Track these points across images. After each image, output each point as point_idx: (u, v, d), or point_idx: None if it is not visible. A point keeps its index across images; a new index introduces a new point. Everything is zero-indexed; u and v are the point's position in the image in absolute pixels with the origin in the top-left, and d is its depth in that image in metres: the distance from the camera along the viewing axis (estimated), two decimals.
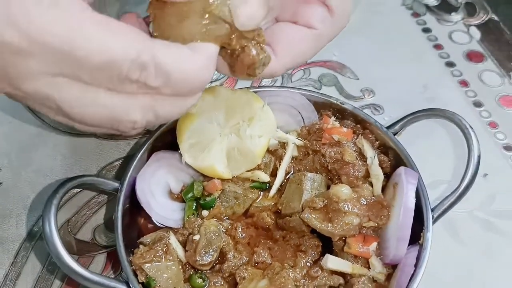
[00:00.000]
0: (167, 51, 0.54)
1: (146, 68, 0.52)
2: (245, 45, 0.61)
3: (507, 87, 1.16)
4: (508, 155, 1.06)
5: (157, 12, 0.58)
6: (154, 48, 0.53)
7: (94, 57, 0.51)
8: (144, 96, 0.56)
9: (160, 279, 0.76)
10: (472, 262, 0.92)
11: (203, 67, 0.57)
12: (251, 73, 0.63)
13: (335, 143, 0.88)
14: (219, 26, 0.58)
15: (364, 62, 1.18)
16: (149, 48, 0.52)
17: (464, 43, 1.24)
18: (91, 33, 0.50)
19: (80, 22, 0.50)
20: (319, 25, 0.69)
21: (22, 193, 0.95)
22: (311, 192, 0.85)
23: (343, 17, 0.71)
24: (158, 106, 0.57)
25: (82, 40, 0.50)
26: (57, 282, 0.86)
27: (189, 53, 0.56)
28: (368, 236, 0.81)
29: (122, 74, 0.52)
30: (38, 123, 1.04)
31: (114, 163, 1.00)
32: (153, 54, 0.52)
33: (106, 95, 0.54)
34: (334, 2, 0.69)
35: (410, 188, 0.80)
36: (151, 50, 0.52)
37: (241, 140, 0.86)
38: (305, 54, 0.71)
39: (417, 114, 0.91)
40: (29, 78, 0.52)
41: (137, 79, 0.53)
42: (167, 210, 0.86)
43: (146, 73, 0.53)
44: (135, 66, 0.52)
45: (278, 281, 0.76)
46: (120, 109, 0.56)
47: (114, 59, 0.51)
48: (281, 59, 0.68)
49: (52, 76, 0.52)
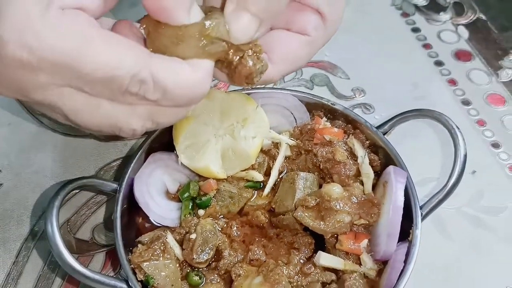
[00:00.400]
0: (164, 67, 0.56)
1: (145, 83, 0.55)
2: (241, 57, 0.61)
3: (495, 86, 1.18)
4: (496, 152, 1.08)
5: (151, 29, 0.58)
6: (152, 64, 0.55)
7: (98, 73, 0.53)
8: (143, 106, 0.58)
9: (158, 277, 0.78)
10: (461, 258, 0.94)
11: (199, 81, 0.58)
12: (249, 82, 0.64)
13: (327, 143, 0.90)
14: (215, 45, 0.59)
15: (355, 62, 1.20)
16: (147, 64, 0.55)
17: (453, 42, 1.26)
18: (96, 50, 0.52)
19: (87, 39, 0.52)
20: (313, 32, 0.70)
21: (22, 194, 0.97)
22: (303, 191, 0.86)
23: (335, 23, 0.73)
24: (157, 115, 0.60)
25: (87, 57, 0.52)
26: (58, 281, 0.88)
27: (186, 68, 0.57)
28: (359, 233, 0.83)
29: (122, 88, 0.55)
30: (37, 124, 1.05)
31: (112, 164, 1.01)
32: (151, 70, 0.55)
33: (108, 105, 0.57)
34: (326, 9, 0.70)
35: (399, 186, 0.82)
36: (149, 67, 0.55)
37: (236, 141, 0.88)
38: (300, 60, 0.72)
39: (405, 115, 0.93)
40: (38, 89, 0.55)
41: (136, 93, 0.55)
42: (164, 209, 0.88)
43: (145, 88, 0.55)
44: (135, 81, 0.54)
45: (273, 277, 0.77)
46: (121, 119, 0.59)
47: (116, 75, 0.53)
48: (277, 66, 0.69)
49: (58, 87, 0.55)
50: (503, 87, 1.18)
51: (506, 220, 0.99)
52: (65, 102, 0.56)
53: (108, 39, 0.54)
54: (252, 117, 0.89)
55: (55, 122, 1.05)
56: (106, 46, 0.53)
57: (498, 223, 0.99)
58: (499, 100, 1.16)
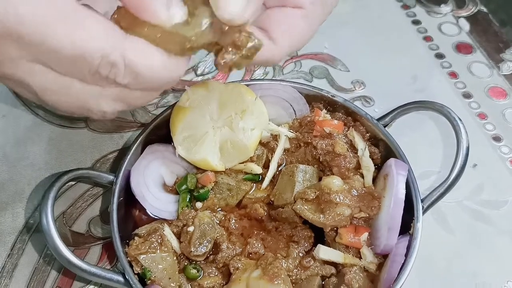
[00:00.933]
0: (137, 52, 0.54)
1: (116, 66, 0.53)
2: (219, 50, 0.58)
3: (496, 79, 1.17)
4: (497, 146, 1.07)
5: (124, 25, 0.55)
6: (125, 47, 0.53)
7: (67, 51, 0.51)
8: (114, 88, 0.56)
9: (155, 270, 0.77)
10: (462, 252, 0.94)
11: (175, 68, 0.57)
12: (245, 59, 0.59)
13: (327, 135, 0.89)
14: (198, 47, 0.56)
15: (355, 54, 1.19)
16: (120, 46, 0.53)
17: (453, 34, 1.25)
18: (67, 26, 0.50)
19: (59, 13, 0.50)
20: (309, 5, 0.68)
21: (18, 186, 0.96)
22: (303, 184, 0.86)
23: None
24: (128, 98, 0.58)
25: (57, 33, 0.50)
26: (53, 274, 0.87)
27: (160, 55, 0.55)
28: (359, 226, 0.82)
29: (92, 69, 0.53)
30: (32, 116, 1.04)
31: (108, 156, 1.00)
32: (124, 53, 0.53)
33: (78, 85, 0.55)
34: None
35: (400, 179, 0.81)
36: (122, 49, 0.53)
37: (234, 132, 0.87)
38: (301, 34, 0.69)
39: (407, 107, 0.92)
40: (7, 62, 0.53)
41: (106, 76, 0.54)
42: (162, 202, 0.87)
43: (115, 71, 0.53)
44: (105, 63, 0.52)
45: (271, 271, 0.77)
46: (91, 100, 0.57)
47: (85, 55, 0.51)
48: (279, 44, 0.66)
49: (28, 62, 0.53)
50: (504, 80, 1.17)
51: (507, 214, 0.98)
52: (34, 80, 0.55)
53: (82, 15, 0.51)
54: (251, 108, 0.88)
55: (50, 114, 1.04)
56: (78, 23, 0.51)
57: (499, 217, 0.98)
58: (501, 93, 1.15)
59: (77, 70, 0.53)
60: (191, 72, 1.13)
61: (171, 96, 1.08)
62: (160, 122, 0.89)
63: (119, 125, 1.04)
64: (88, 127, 1.03)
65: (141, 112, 1.05)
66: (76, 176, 0.80)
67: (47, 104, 0.59)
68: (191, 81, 1.12)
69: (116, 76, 0.54)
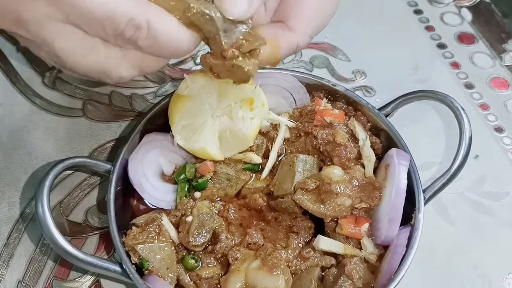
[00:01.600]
0: (159, 18, 0.58)
1: (140, 29, 0.57)
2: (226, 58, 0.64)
3: (498, 69, 1.16)
4: (499, 137, 1.06)
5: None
6: (149, 12, 0.57)
7: (98, 11, 0.55)
8: (133, 53, 0.61)
9: (153, 260, 0.77)
10: (463, 243, 0.93)
11: (186, 39, 0.61)
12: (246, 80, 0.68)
13: (327, 125, 0.88)
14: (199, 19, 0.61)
15: (356, 43, 1.18)
16: (145, 11, 0.57)
17: (456, 24, 1.23)
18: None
19: None
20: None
21: (14, 175, 0.95)
22: (303, 174, 0.85)
23: None
24: (143, 63, 0.63)
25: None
26: (50, 263, 0.86)
27: (177, 26, 0.60)
28: (360, 217, 0.81)
29: (118, 30, 0.57)
30: (29, 105, 1.03)
31: (106, 145, 0.99)
32: (147, 18, 0.57)
33: (102, 48, 0.59)
34: None
35: (402, 169, 0.81)
36: (146, 14, 0.57)
37: (233, 122, 0.86)
38: (320, 14, 0.71)
39: (409, 96, 0.91)
40: (35, 21, 0.56)
41: (130, 37, 0.58)
42: (160, 191, 0.86)
43: (139, 33, 0.57)
44: (131, 25, 0.57)
45: (271, 261, 0.76)
46: (111, 63, 0.61)
47: (115, 16, 0.55)
48: (298, 32, 0.69)
49: (57, 22, 0.56)
50: (507, 70, 1.16)
51: (508, 206, 0.98)
52: (60, 40, 0.58)
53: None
54: (251, 97, 0.87)
55: (47, 102, 1.03)
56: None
57: (500, 209, 0.97)
58: (503, 83, 1.14)
59: (104, 31, 0.57)
60: (190, 60, 1.12)
61: (169, 85, 1.07)
62: (159, 110, 0.88)
63: (117, 113, 1.03)
64: (86, 116, 1.02)
65: (139, 101, 1.04)
66: (73, 164, 0.79)
67: (65, 67, 0.62)
68: (190, 69, 1.11)
69: (138, 38, 0.58)
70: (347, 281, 0.76)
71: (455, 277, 0.90)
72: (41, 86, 1.06)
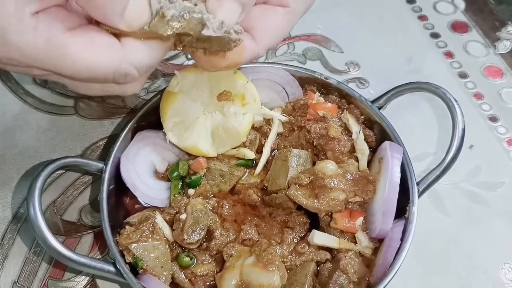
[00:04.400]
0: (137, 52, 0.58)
1: (130, 73, 0.58)
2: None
3: (492, 58, 1.16)
4: (493, 126, 1.06)
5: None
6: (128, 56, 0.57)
7: (82, 74, 0.56)
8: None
9: (147, 258, 0.76)
10: (458, 234, 0.93)
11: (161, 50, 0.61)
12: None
13: (320, 118, 0.87)
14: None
15: (349, 35, 1.18)
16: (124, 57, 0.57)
17: (449, 13, 1.23)
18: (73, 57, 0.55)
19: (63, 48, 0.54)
20: (292, 2, 0.70)
21: (7, 175, 0.94)
22: (297, 169, 0.84)
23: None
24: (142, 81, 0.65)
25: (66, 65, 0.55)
26: (45, 264, 0.86)
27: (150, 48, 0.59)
28: (354, 211, 0.81)
29: (109, 81, 0.58)
30: (21, 104, 1.02)
31: (98, 143, 0.99)
32: (129, 59, 0.57)
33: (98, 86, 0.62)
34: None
35: (395, 162, 0.80)
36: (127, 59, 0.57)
37: (226, 117, 0.85)
38: (282, 32, 0.72)
39: (401, 88, 0.90)
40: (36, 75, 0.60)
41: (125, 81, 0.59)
42: (153, 189, 0.85)
43: (131, 76, 0.59)
44: (119, 75, 0.58)
45: (266, 257, 0.76)
46: (115, 88, 0.63)
47: (99, 74, 0.57)
48: (261, 42, 0.69)
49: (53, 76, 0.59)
50: (500, 59, 1.15)
51: (503, 196, 0.98)
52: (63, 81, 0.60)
53: (82, 42, 0.55)
54: (243, 93, 0.86)
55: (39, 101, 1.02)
56: (81, 52, 0.55)
57: (495, 199, 0.97)
58: (497, 72, 1.13)
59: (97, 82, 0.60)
60: (182, 55, 1.11)
61: (161, 81, 1.07)
62: (150, 108, 0.88)
63: (109, 110, 1.02)
64: (78, 113, 1.02)
65: (131, 97, 1.04)
66: (64, 165, 0.78)
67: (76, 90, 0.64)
68: (182, 64, 1.10)
69: (132, 80, 0.60)
70: (342, 276, 0.76)
71: (450, 268, 0.89)
72: (32, 84, 1.05)
